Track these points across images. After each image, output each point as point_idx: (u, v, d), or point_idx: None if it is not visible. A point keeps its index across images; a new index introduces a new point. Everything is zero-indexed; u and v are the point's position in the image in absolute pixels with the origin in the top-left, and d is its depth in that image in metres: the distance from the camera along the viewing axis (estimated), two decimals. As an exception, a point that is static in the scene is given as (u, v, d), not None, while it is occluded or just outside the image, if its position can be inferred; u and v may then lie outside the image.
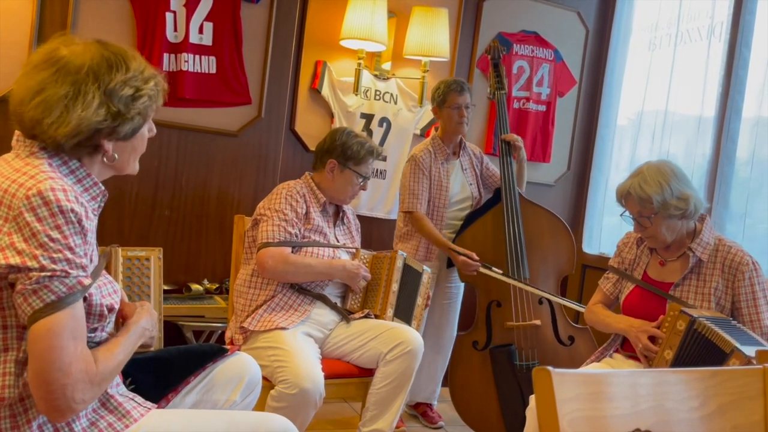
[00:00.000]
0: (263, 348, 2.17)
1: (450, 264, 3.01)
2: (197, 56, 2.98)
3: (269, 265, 2.26)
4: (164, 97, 1.38)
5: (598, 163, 3.88)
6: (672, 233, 2.10)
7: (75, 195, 1.19)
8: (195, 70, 2.98)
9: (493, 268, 2.81)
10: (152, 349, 1.76)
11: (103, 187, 1.31)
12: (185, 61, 2.95)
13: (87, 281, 1.17)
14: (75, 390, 1.13)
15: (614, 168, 3.82)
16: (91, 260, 1.24)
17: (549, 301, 2.92)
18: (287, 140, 3.32)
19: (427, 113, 3.61)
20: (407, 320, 2.44)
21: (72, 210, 1.16)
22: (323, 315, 2.36)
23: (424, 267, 2.58)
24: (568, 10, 3.85)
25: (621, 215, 2.17)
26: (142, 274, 1.68)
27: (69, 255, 1.14)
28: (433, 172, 2.98)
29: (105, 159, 1.29)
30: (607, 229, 3.81)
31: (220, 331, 2.88)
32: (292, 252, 2.32)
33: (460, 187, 3.07)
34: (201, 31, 2.98)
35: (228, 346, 1.71)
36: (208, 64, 3.01)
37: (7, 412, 1.18)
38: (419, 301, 2.52)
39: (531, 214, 2.98)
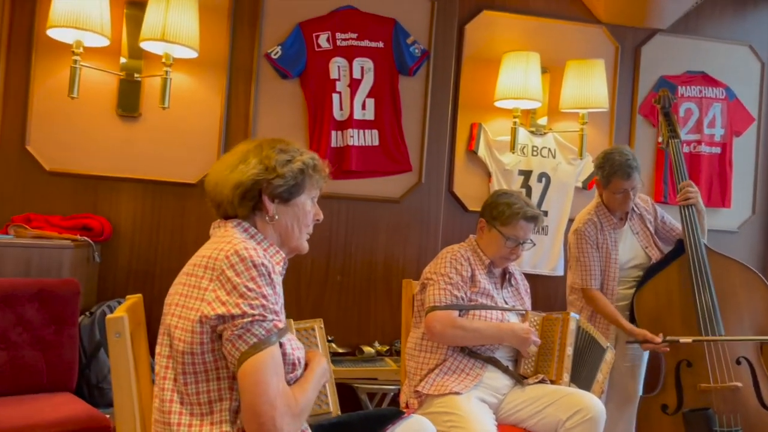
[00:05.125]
0: (438, 413, 2.18)
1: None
2: (361, 131, 3.20)
3: (437, 329, 2.29)
4: (325, 178, 1.58)
5: (789, 204, 3.51)
6: None
7: (263, 252, 1.38)
8: (360, 144, 3.19)
9: (681, 339, 2.59)
10: (331, 412, 1.86)
11: (283, 254, 1.50)
12: (351, 137, 3.17)
13: (281, 324, 1.34)
14: (283, 421, 1.26)
15: (810, 209, 3.43)
16: (281, 310, 1.39)
17: (748, 361, 2.64)
18: (447, 202, 3.39)
19: (588, 165, 3.52)
20: (585, 389, 2.32)
21: (262, 264, 1.34)
22: (496, 379, 2.33)
23: (608, 344, 2.45)
24: (739, 45, 3.60)
25: None
26: (310, 343, 1.86)
27: (264, 302, 1.32)
28: (600, 243, 2.81)
29: (267, 218, 1.48)
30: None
31: (392, 393, 2.94)
32: (460, 315, 2.33)
33: (633, 253, 2.86)
34: (364, 107, 3.20)
35: (404, 409, 1.77)
36: (371, 137, 3.21)
37: None
38: (599, 377, 2.39)
39: (720, 267, 2.73)
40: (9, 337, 2.34)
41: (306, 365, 1.51)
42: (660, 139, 3.16)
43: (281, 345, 1.35)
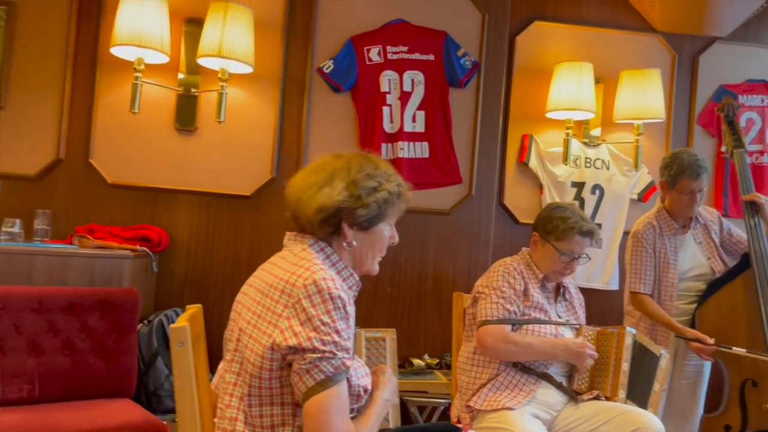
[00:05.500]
0: (491, 428, 2.15)
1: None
2: (411, 143, 3.21)
3: (489, 343, 2.27)
4: (406, 201, 1.54)
5: None
6: None
7: (340, 283, 1.36)
8: (410, 156, 3.20)
9: (734, 348, 2.49)
10: (390, 426, 1.86)
11: (357, 278, 1.49)
12: (401, 149, 3.18)
13: (349, 362, 1.32)
14: None
15: None
16: (352, 339, 1.38)
17: (816, 383, 2.52)
18: (497, 214, 3.37)
19: (643, 177, 3.44)
20: (642, 404, 2.26)
21: (339, 297, 1.32)
22: (549, 395, 2.28)
23: (662, 351, 2.38)
24: (803, 51, 3.47)
25: None
26: (379, 354, 1.84)
27: (336, 338, 1.30)
28: (658, 248, 2.75)
29: (345, 243, 1.46)
30: None
31: (442, 407, 2.92)
32: (513, 330, 2.30)
33: (694, 262, 2.78)
34: (414, 120, 3.21)
35: (458, 425, 1.75)
36: (421, 150, 3.22)
37: None
38: (656, 387, 2.32)
39: None
40: (74, 343, 2.44)
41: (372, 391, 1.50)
42: (723, 149, 3.06)
43: (348, 378, 1.34)
